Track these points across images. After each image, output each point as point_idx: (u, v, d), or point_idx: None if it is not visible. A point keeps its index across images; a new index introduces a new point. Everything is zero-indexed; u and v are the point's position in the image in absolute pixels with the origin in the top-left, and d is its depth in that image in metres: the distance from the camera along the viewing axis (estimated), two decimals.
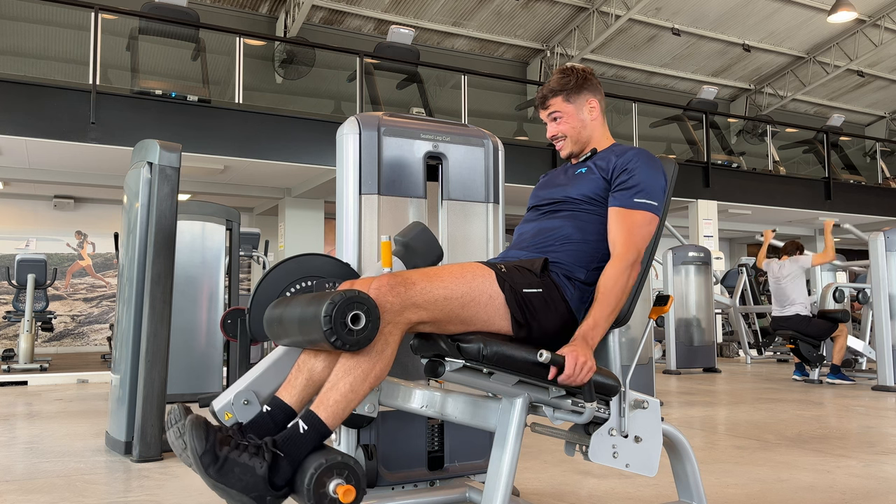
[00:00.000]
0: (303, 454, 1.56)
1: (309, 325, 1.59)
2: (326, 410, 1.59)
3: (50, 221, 11.57)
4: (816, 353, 6.86)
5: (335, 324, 1.51)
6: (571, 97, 2.07)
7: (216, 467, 1.48)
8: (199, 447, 1.49)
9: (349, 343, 1.53)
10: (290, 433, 1.57)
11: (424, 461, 2.35)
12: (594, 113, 2.09)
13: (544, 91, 2.09)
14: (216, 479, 1.48)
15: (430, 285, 1.66)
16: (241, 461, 1.50)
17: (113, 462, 3.33)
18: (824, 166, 12.49)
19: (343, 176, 2.36)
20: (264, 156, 8.10)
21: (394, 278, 1.63)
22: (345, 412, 1.60)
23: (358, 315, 1.53)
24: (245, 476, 1.49)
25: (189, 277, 5.58)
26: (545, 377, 1.69)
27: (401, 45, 9.30)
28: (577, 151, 2.10)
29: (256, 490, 1.50)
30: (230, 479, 1.49)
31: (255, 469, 1.50)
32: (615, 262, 1.85)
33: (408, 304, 1.61)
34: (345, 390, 1.59)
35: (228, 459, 1.49)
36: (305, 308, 1.63)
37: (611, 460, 1.81)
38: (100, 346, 11.55)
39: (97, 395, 5.96)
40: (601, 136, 2.10)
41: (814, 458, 3.36)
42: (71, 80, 7.48)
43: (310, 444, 1.57)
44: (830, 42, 14.15)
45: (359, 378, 1.59)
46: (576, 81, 2.07)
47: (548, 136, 2.12)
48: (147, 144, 3.64)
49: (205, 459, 1.48)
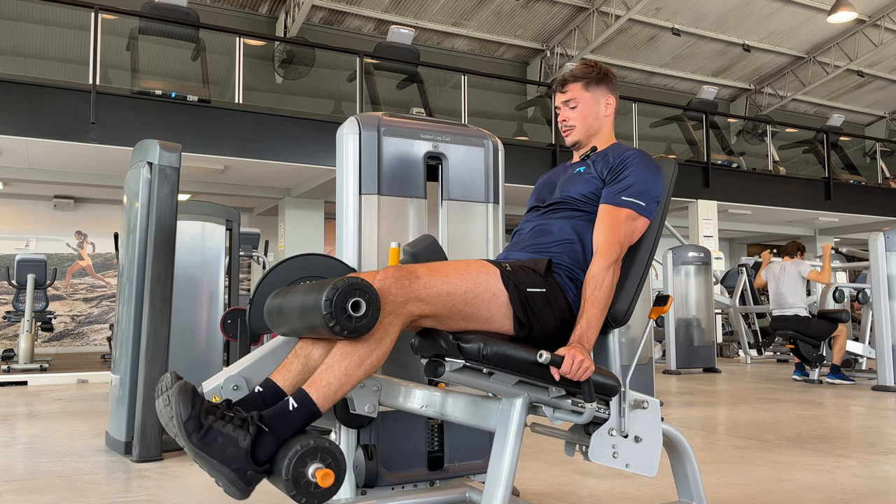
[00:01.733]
0: (289, 432, 1.54)
1: (310, 311, 1.58)
2: (318, 391, 1.57)
3: (50, 221, 11.57)
4: (816, 353, 6.86)
5: (335, 309, 1.50)
6: (591, 87, 2.07)
7: (199, 434, 1.47)
8: (184, 413, 1.47)
9: (348, 329, 1.52)
10: (279, 409, 1.55)
11: (424, 461, 2.35)
12: (609, 109, 2.10)
13: (565, 75, 2.10)
14: (198, 446, 1.47)
15: (435, 280, 1.66)
16: (225, 431, 1.48)
17: (113, 462, 3.33)
18: (824, 166, 12.49)
19: (343, 176, 2.36)
20: (264, 156, 8.10)
21: (399, 270, 1.63)
22: (336, 395, 1.59)
23: (358, 302, 1.52)
24: (227, 447, 1.48)
25: (189, 277, 5.57)
26: (545, 377, 1.69)
27: (401, 45, 9.30)
28: (583, 142, 2.10)
29: (237, 462, 1.48)
30: (212, 448, 1.47)
31: (237, 440, 1.48)
32: (598, 260, 1.85)
33: (411, 296, 1.61)
34: (339, 373, 1.58)
35: (212, 428, 1.48)
36: (307, 295, 1.63)
37: (611, 460, 1.81)
38: (100, 346, 11.55)
39: (97, 395, 5.96)
40: (607, 134, 2.11)
41: (814, 458, 3.36)
42: (71, 80, 7.48)
43: (297, 422, 1.55)
44: (830, 42, 14.15)
45: (354, 362, 1.58)
46: (598, 74, 2.08)
47: (559, 120, 2.12)
48: (147, 144, 3.63)
49: (189, 426, 1.47)
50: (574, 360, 1.66)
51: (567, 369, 1.66)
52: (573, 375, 1.67)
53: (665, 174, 2.00)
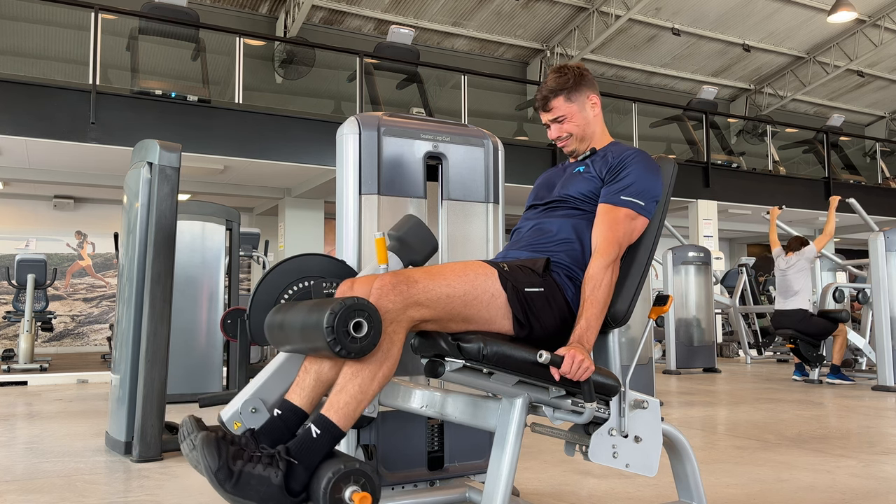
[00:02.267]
0: (317, 459, 1.55)
1: (311, 333, 1.58)
2: (338, 413, 1.58)
3: (50, 221, 11.57)
4: (816, 352, 6.86)
5: (338, 333, 1.50)
6: (573, 96, 2.05)
7: (232, 483, 1.48)
8: (212, 464, 1.48)
9: (354, 351, 1.53)
10: (303, 439, 1.57)
11: (424, 461, 2.35)
12: (596, 109, 2.09)
13: (544, 92, 2.07)
14: (233, 493, 1.48)
15: (433, 283, 1.66)
16: (257, 473, 1.50)
17: (113, 462, 3.33)
18: (824, 166, 12.50)
19: (343, 176, 2.36)
20: (264, 156, 8.10)
21: (396, 277, 1.63)
22: (356, 413, 1.60)
23: (360, 322, 1.52)
24: (262, 487, 1.49)
25: (189, 277, 5.58)
26: (545, 377, 1.69)
27: (401, 45, 9.30)
28: (581, 149, 2.09)
29: (274, 499, 1.49)
30: (247, 492, 1.48)
31: (270, 479, 1.50)
32: (597, 259, 1.85)
33: (410, 302, 1.61)
34: (354, 391, 1.58)
35: (244, 473, 1.49)
36: (307, 316, 1.62)
37: (611, 460, 1.81)
38: (100, 346, 11.55)
39: (97, 396, 5.96)
40: (601, 133, 2.10)
41: (814, 458, 3.36)
42: (71, 80, 7.48)
43: (323, 448, 1.56)
44: (830, 42, 14.15)
45: (367, 379, 1.59)
46: (574, 79, 2.05)
47: (551, 137, 2.10)
48: (147, 144, 3.64)
49: (220, 476, 1.48)
50: (574, 359, 1.66)
51: (567, 369, 1.66)
52: (573, 375, 1.67)
53: (665, 174, 2.00)
